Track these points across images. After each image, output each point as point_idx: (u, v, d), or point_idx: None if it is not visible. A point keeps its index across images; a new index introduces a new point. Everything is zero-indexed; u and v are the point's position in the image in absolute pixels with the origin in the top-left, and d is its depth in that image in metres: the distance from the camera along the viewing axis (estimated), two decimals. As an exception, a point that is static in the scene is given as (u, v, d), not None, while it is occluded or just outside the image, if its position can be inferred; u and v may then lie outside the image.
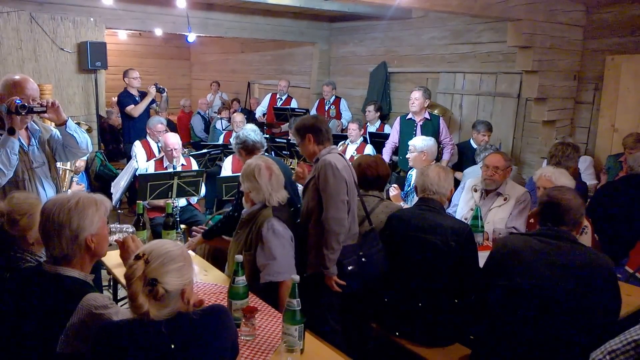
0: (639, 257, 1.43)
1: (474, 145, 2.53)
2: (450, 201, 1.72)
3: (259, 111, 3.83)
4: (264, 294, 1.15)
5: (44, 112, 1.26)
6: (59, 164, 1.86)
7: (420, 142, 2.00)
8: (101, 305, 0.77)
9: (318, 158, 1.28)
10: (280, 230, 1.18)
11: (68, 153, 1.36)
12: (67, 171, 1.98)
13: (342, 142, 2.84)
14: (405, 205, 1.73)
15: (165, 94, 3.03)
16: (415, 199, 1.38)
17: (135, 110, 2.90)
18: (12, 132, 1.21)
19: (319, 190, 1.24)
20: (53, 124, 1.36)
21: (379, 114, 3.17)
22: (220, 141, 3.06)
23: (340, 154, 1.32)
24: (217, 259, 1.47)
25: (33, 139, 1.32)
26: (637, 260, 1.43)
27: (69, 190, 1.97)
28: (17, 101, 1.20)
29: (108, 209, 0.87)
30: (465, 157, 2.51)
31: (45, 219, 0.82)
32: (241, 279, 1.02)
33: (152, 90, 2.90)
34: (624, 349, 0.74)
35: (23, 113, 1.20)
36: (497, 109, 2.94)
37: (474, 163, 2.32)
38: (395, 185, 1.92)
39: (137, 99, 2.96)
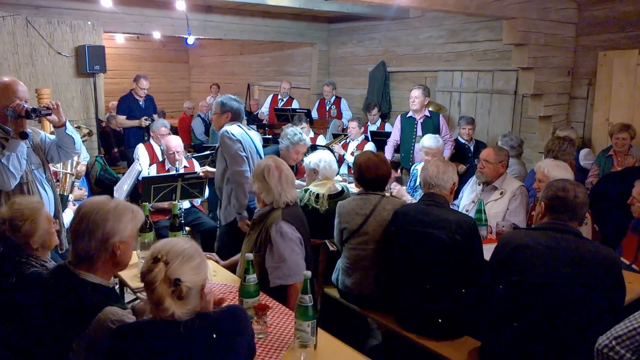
0: (631, 247, 1.45)
1: (462, 140, 2.66)
2: (454, 195, 1.74)
3: (262, 112, 3.84)
4: (273, 296, 1.15)
5: (50, 114, 1.27)
6: (58, 167, 1.86)
7: (435, 143, 2.00)
8: (117, 320, 0.76)
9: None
10: (288, 232, 1.18)
11: (62, 154, 1.36)
12: (68, 175, 1.96)
13: (343, 140, 2.87)
14: (412, 200, 1.75)
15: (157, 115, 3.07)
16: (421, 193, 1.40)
17: (122, 122, 2.99)
18: (25, 136, 1.21)
19: (223, 156, 1.56)
20: (51, 125, 1.37)
21: (380, 113, 3.23)
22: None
23: (239, 126, 1.64)
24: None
25: (27, 141, 1.32)
26: (630, 250, 1.45)
27: (70, 194, 1.95)
28: (24, 105, 1.20)
29: (141, 221, 0.87)
30: (457, 153, 2.60)
31: (80, 217, 0.81)
32: (252, 277, 1.03)
33: (143, 123, 2.94)
34: (629, 334, 0.75)
35: (34, 116, 1.20)
36: (495, 105, 2.98)
37: (467, 157, 2.48)
38: (395, 183, 1.94)
39: (140, 103, 2.98)
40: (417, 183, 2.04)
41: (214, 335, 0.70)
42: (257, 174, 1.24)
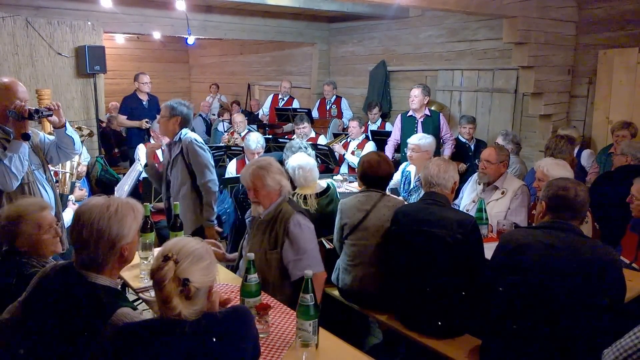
0: (631, 246, 1.45)
1: (462, 139, 2.68)
2: (455, 193, 1.72)
3: (263, 112, 3.84)
4: (293, 290, 1.15)
5: (51, 115, 1.27)
6: (58, 168, 1.86)
7: (423, 141, 1.99)
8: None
9: (180, 137, 1.61)
10: (305, 224, 1.22)
11: (61, 154, 1.37)
12: (67, 175, 1.96)
13: (343, 139, 2.87)
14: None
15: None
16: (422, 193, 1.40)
17: (123, 122, 3.01)
18: (27, 137, 1.21)
19: (187, 164, 1.58)
20: (51, 126, 1.38)
21: (380, 112, 3.23)
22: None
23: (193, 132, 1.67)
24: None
25: (28, 142, 1.33)
26: (629, 249, 1.45)
27: (71, 195, 1.96)
28: (27, 106, 1.21)
29: (142, 215, 0.86)
30: (458, 152, 2.62)
31: (81, 225, 0.79)
32: (253, 277, 1.03)
33: (143, 125, 2.95)
34: (639, 354, 0.72)
35: (36, 117, 1.21)
36: (495, 104, 2.98)
37: (467, 156, 2.48)
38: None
39: (143, 103, 2.99)
40: (412, 186, 1.98)
41: (219, 336, 0.70)
42: (270, 170, 1.23)
